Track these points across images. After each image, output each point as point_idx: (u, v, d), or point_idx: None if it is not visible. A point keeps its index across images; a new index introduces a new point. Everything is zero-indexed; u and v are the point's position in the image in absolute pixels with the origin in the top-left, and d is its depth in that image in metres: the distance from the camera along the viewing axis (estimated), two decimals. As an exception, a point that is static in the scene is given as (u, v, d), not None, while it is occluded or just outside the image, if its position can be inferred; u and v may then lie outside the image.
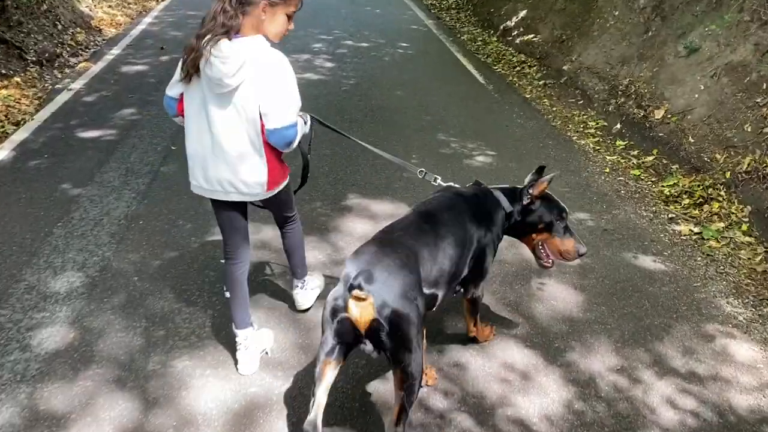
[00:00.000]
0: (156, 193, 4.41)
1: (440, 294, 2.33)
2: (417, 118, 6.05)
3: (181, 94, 2.43)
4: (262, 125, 2.32)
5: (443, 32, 9.99)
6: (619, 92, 6.06)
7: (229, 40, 2.20)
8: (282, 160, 2.54)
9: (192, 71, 2.28)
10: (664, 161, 4.98)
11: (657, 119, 5.33)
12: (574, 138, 5.73)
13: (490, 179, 2.98)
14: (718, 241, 3.92)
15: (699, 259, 3.81)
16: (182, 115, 2.48)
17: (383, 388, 2.63)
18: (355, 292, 1.91)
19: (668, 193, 4.54)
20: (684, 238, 4.03)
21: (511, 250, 3.70)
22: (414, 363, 2.01)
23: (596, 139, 5.66)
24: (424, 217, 2.41)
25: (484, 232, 2.54)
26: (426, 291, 2.18)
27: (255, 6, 2.23)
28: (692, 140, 4.90)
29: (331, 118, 4.54)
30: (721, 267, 3.72)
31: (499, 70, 8.01)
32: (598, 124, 5.95)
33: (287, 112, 2.31)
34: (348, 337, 2.01)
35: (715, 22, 5.31)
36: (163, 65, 7.70)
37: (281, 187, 2.58)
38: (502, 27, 9.48)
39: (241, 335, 2.71)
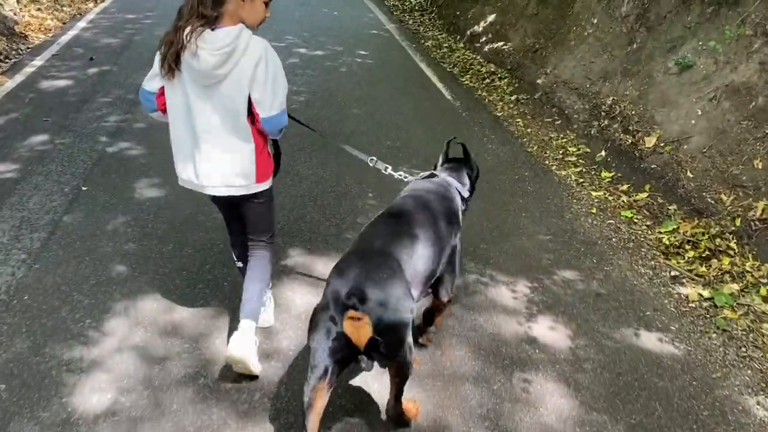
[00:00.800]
0: (52, 254, 3.58)
1: (417, 295, 2.23)
2: (376, 143, 5.29)
3: (161, 88, 2.40)
4: (255, 114, 2.35)
5: (406, 38, 9.22)
6: (602, 113, 5.38)
7: (212, 30, 2.21)
8: (268, 152, 2.54)
9: (173, 64, 2.26)
10: (660, 200, 4.30)
11: (648, 148, 4.66)
12: (554, 168, 5.03)
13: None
14: (734, 310, 3.25)
15: (714, 336, 3.13)
16: (163, 110, 2.46)
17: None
18: (351, 312, 1.89)
19: (668, 242, 3.86)
20: (693, 305, 3.34)
21: (488, 333, 2.97)
22: (407, 362, 2.07)
23: (578, 169, 4.97)
24: (400, 219, 2.36)
25: (454, 228, 2.53)
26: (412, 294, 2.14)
27: (229, 3, 2.21)
28: (691, 175, 4.23)
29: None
30: (743, 348, 3.04)
31: (466, 82, 7.28)
32: (579, 149, 5.26)
33: (279, 99, 2.34)
34: (343, 354, 1.96)
35: (712, 36, 4.65)
36: (90, 80, 6.79)
37: (268, 182, 2.58)
38: (469, 32, 8.76)
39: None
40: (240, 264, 2.93)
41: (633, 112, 5.05)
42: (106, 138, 5.30)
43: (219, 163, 2.42)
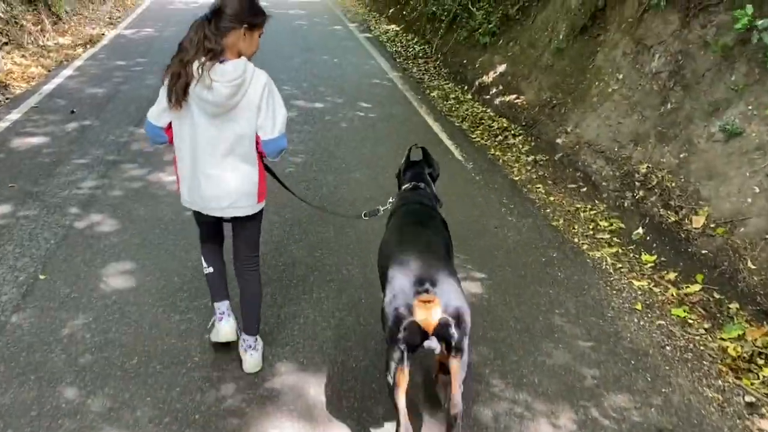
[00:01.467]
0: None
1: None
2: (379, 217, 4.66)
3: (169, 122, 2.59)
4: (257, 137, 2.58)
5: (410, 88, 8.70)
6: (636, 182, 4.78)
7: (221, 63, 2.42)
8: (263, 173, 2.73)
9: (182, 96, 2.45)
10: (716, 295, 3.66)
11: (696, 228, 4.04)
12: (585, 247, 4.39)
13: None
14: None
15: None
16: (172, 143, 2.65)
17: None
18: (423, 296, 2.13)
19: (734, 353, 3.20)
20: (781, 448, 2.68)
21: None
22: (469, 347, 2.30)
23: (614, 249, 4.34)
24: (424, 224, 2.71)
25: (446, 228, 2.86)
26: None
27: (235, 30, 2.46)
28: (753, 266, 3.60)
29: (268, 217, 3.74)
30: None
31: (477, 139, 6.70)
32: (612, 224, 4.64)
33: (280, 124, 2.58)
34: (415, 340, 2.17)
35: (763, 100, 4.08)
36: (67, 137, 6.21)
37: (263, 204, 2.79)
38: (477, 83, 8.24)
39: (225, 306, 3.01)
40: (210, 270, 2.98)
41: (673, 184, 4.44)
42: (77, 209, 4.69)
43: (227, 186, 2.60)
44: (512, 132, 6.70)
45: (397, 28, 12.60)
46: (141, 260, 4.01)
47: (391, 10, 13.86)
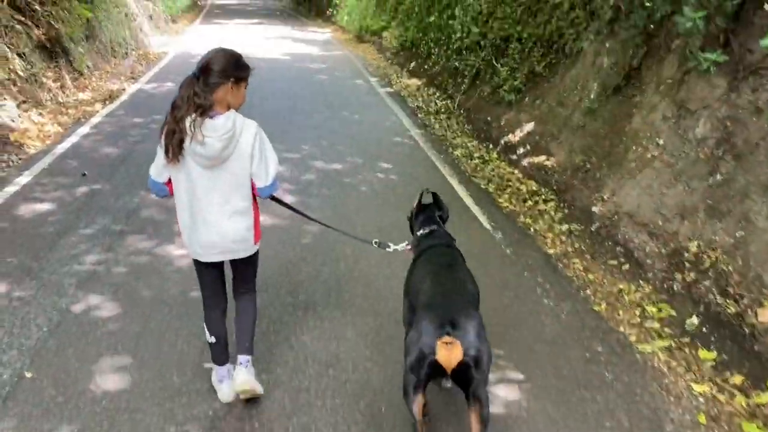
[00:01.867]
0: None
1: None
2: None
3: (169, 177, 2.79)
4: (252, 184, 2.79)
5: (432, 146, 8.38)
6: (685, 262, 4.33)
7: (210, 118, 2.59)
8: (257, 216, 2.95)
9: (178, 151, 2.60)
10: (794, 407, 3.15)
11: (762, 323, 3.55)
12: (632, 339, 3.92)
13: None
14: None
15: None
16: (172, 194, 2.83)
17: None
18: (445, 338, 2.32)
19: (825, 488, 2.69)
20: None
21: None
22: (487, 396, 2.47)
23: (666, 342, 3.86)
24: (451, 269, 2.91)
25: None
26: None
27: (223, 86, 2.61)
28: (836, 373, 3.10)
29: (281, 298, 4.14)
30: None
31: (505, 204, 6.30)
32: (661, 311, 4.17)
33: (273, 171, 2.80)
34: (433, 376, 2.41)
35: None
36: (75, 203, 5.94)
37: (259, 245, 3.00)
38: (503, 141, 7.89)
39: (225, 370, 3.11)
40: (213, 339, 3.08)
41: (730, 267, 3.98)
42: (75, 288, 4.35)
43: (225, 232, 2.78)
44: (543, 197, 6.29)
45: (419, 83, 12.39)
46: (139, 353, 3.63)
47: (412, 64, 13.72)
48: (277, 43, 18.82)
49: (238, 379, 2.97)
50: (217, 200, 2.74)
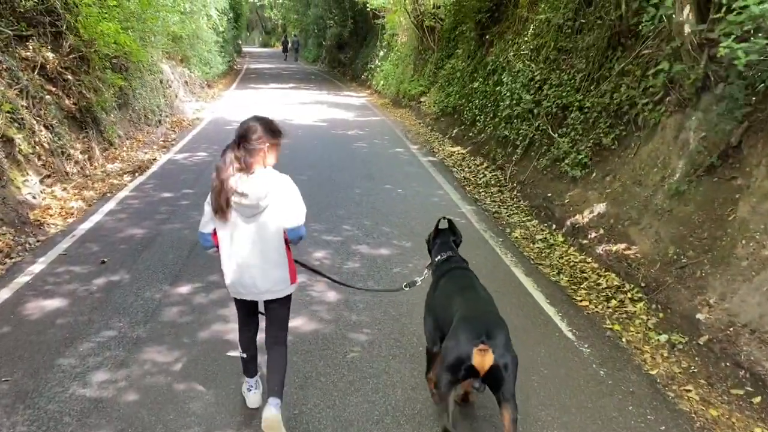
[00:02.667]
0: None
1: None
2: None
3: (214, 229, 3.23)
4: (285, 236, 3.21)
5: (488, 226, 7.54)
6: None
7: (250, 175, 3.03)
8: (292, 261, 3.35)
9: (226, 208, 3.05)
10: None
11: None
12: None
13: None
14: None
15: None
16: (217, 246, 3.27)
17: None
18: (481, 346, 2.79)
19: None
20: None
21: None
22: (515, 399, 2.89)
23: None
24: (475, 289, 3.39)
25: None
26: None
27: (260, 150, 3.06)
28: None
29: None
30: None
31: (584, 303, 5.38)
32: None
33: (301, 216, 3.19)
34: (465, 377, 2.89)
35: None
36: (90, 298, 5.25)
37: (295, 286, 3.38)
38: (569, 223, 7.01)
39: (253, 381, 3.63)
40: (244, 355, 3.54)
41: None
42: (72, 419, 3.53)
43: (263, 274, 3.20)
44: (629, 295, 5.36)
45: (463, 151, 11.68)
46: None
47: (454, 131, 13.05)
48: (312, 108, 18.47)
49: (266, 414, 3.24)
50: (257, 246, 3.15)
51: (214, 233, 3.27)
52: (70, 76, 10.37)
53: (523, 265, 6.26)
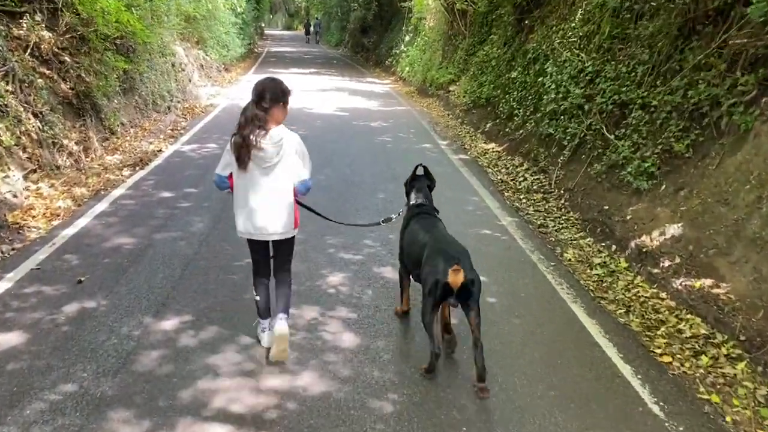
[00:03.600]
0: None
1: None
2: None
3: (230, 173, 3.72)
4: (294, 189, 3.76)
5: (533, 243, 6.44)
6: None
7: (266, 131, 3.54)
8: (297, 208, 3.86)
9: (247, 160, 3.56)
10: None
11: None
12: None
13: None
14: None
15: None
16: (231, 188, 3.79)
17: None
18: (455, 266, 3.51)
19: None
20: None
21: None
22: (479, 308, 3.70)
23: None
24: (436, 226, 4.19)
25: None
26: None
27: (273, 109, 3.57)
28: None
29: None
30: None
31: (665, 357, 4.29)
32: None
33: (308, 169, 3.76)
34: (443, 296, 3.61)
35: None
36: (53, 335, 4.33)
37: (297, 230, 3.90)
38: (634, 244, 5.88)
39: (266, 323, 4.08)
40: (258, 298, 4.04)
41: None
42: None
43: (273, 218, 3.72)
44: (723, 350, 4.24)
45: (499, 149, 10.53)
46: None
47: (488, 125, 11.89)
48: (333, 96, 17.39)
49: (276, 326, 3.84)
50: (268, 193, 3.67)
51: (230, 176, 3.74)
52: (67, 58, 9.40)
53: (583, 300, 5.15)
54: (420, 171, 4.69)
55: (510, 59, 12.15)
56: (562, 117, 8.75)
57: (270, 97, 3.54)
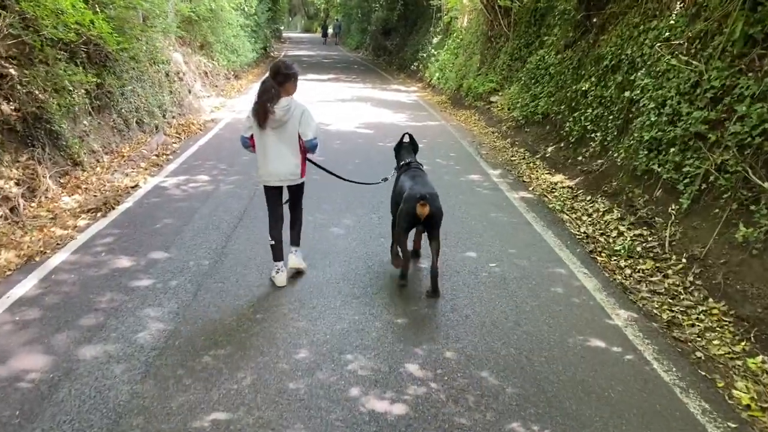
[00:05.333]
0: None
1: None
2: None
3: (252, 133, 4.73)
4: (300, 139, 4.72)
5: (676, 365, 4.09)
6: None
7: (278, 100, 4.53)
8: (304, 161, 4.91)
9: (264, 122, 4.57)
10: None
11: None
12: None
13: None
14: None
15: None
16: (253, 146, 4.78)
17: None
18: (422, 202, 4.55)
19: None
20: None
21: None
22: (439, 234, 4.80)
23: None
24: (419, 175, 5.05)
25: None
26: None
27: (287, 82, 4.57)
28: None
29: None
30: None
31: None
32: None
33: (314, 131, 4.69)
34: (412, 223, 4.74)
35: None
36: None
37: (305, 178, 4.93)
38: None
39: (281, 264, 5.02)
40: (273, 242, 4.97)
41: None
42: None
43: (284, 167, 4.74)
44: None
45: (570, 183, 8.12)
46: None
47: (549, 148, 9.49)
48: (354, 108, 15.10)
49: (291, 260, 5.08)
50: (281, 148, 4.68)
51: (251, 137, 4.75)
52: (12, 71, 7.22)
53: None
54: (406, 139, 5.54)
55: (575, 66, 9.73)
56: (671, 149, 6.33)
57: (284, 75, 4.54)
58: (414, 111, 15.42)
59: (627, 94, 7.63)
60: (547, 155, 9.35)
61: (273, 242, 4.94)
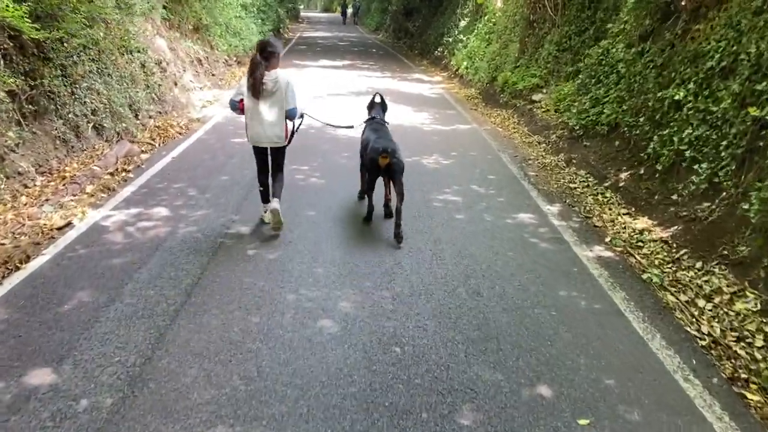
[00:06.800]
0: None
1: None
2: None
3: (241, 99, 5.40)
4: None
5: None
6: None
7: (268, 72, 5.26)
8: (287, 127, 5.53)
9: (256, 91, 5.24)
10: None
11: None
12: None
13: None
14: None
15: None
16: (242, 110, 5.44)
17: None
18: (384, 155, 5.38)
19: None
20: None
21: None
22: (401, 182, 5.50)
23: None
24: (384, 131, 6.07)
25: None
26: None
27: (273, 57, 5.28)
28: None
29: None
30: None
31: None
32: None
33: (296, 100, 5.41)
34: (376, 172, 5.60)
35: None
36: None
37: (287, 142, 5.60)
38: None
39: (269, 205, 5.64)
40: (261, 188, 5.82)
41: None
42: None
43: (270, 131, 5.41)
44: None
45: (664, 234, 5.82)
46: None
47: (622, 174, 7.17)
48: (369, 104, 12.77)
49: (272, 205, 5.53)
50: (268, 114, 5.35)
51: (240, 101, 5.40)
52: None
53: None
54: (377, 99, 6.67)
55: (659, 66, 7.36)
56: None
57: (269, 52, 5.25)
58: (439, 108, 13.10)
59: (752, 111, 5.29)
60: (621, 184, 7.03)
61: (261, 188, 5.85)
